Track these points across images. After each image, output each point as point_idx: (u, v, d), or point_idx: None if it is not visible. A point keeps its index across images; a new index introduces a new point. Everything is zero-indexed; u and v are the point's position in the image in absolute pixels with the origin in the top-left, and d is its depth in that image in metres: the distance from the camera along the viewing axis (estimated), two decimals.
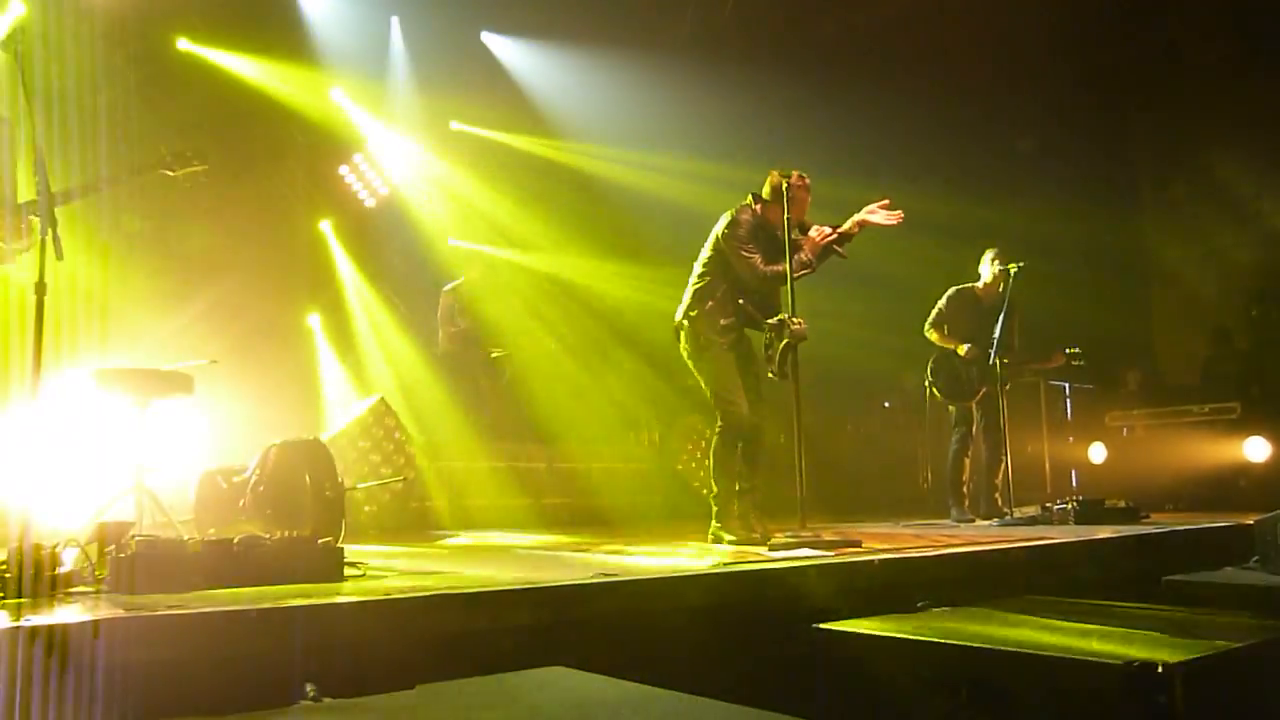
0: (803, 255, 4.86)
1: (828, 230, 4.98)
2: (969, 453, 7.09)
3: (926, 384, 7.25)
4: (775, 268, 4.86)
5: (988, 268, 7.17)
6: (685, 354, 5.16)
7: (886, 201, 4.99)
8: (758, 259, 4.93)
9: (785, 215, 4.77)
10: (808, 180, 5.00)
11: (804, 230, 5.00)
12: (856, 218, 5.02)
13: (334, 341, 10.01)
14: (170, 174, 4.36)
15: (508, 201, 10.97)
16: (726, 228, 5.06)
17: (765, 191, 5.06)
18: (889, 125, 10.46)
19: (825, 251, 4.99)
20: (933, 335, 7.16)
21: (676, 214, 9.97)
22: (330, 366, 9.85)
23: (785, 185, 4.87)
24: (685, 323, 5.12)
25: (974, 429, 7.08)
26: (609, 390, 10.17)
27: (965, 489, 7.05)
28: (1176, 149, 10.86)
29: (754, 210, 5.08)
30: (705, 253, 5.17)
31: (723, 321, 5.02)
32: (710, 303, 5.04)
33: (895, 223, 4.99)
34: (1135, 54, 10.41)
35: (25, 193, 4.03)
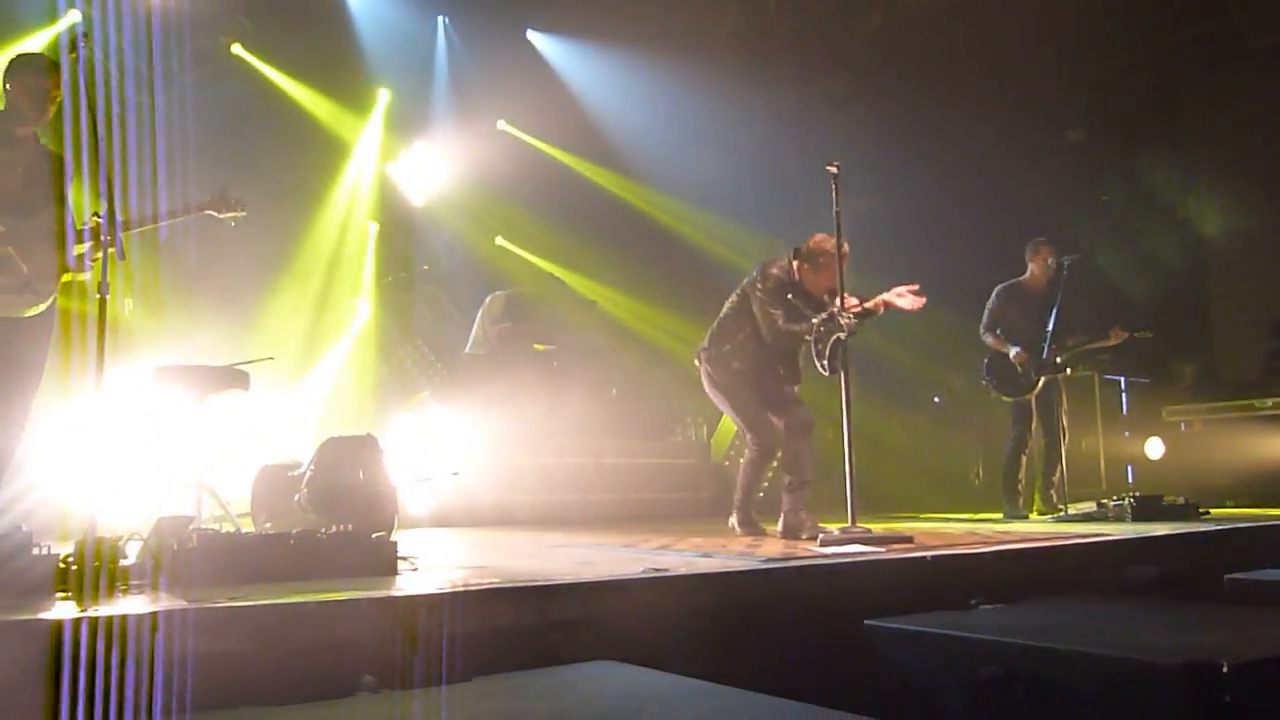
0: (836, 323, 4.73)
1: (854, 302, 4.93)
2: (1026, 449, 6.97)
3: (983, 380, 7.15)
4: (795, 326, 4.91)
5: (1036, 260, 7.05)
6: (704, 384, 5.37)
7: (915, 286, 4.92)
8: (779, 314, 4.98)
9: (838, 274, 4.74)
10: (848, 250, 4.88)
11: (832, 295, 4.91)
12: (882, 297, 4.98)
13: (385, 338, 10.14)
14: (216, 215, 4.74)
15: (552, 206, 11.03)
16: (757, 278, 5.16)
17: (805, 252, 5.12)
18: (938, 117, 10.33)
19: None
20: (988, 339, 7.07)
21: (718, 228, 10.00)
22: (382, 363, 9.98)
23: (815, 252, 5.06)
24: (703, 356, 5.32)
25: (1032, 425, 6.96)
26: (655, 386, 10.19)
27: (1020, 486, 6.95)
28: (1232, 135, 10.61)
29: (788, 267, 5.13)
30: (733, 296, 5.33)
31: (736, 365, 5.19)
32: (728, 346, 5.21)
33: (917, 309, 4.93)
34: (1190, 40, 10.17)
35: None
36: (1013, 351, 6.85)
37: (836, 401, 4.61)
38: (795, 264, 5.13)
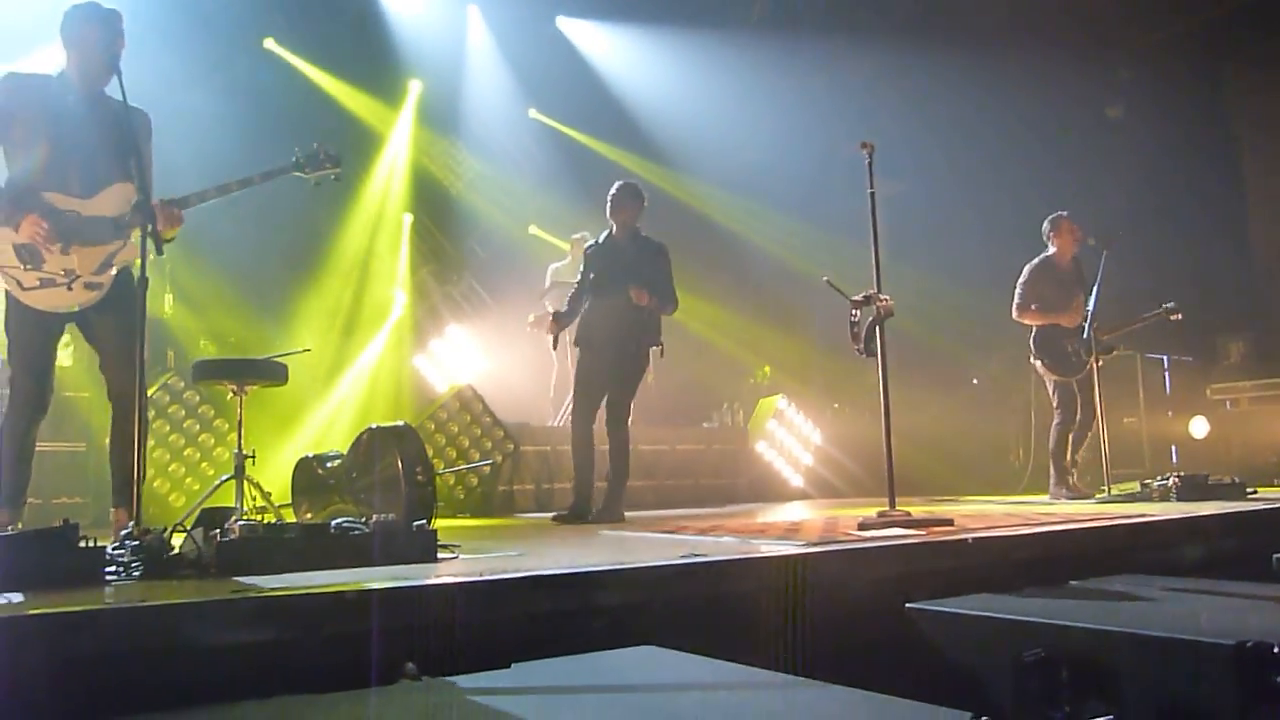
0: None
1: None
2: (1073, 429, 6.88)
3: (1032, 359, 7.05)
4: None
5: (1058, 236, 6.96)
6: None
7: None
8: None
9: None
10: None
11: None
12: None
13: (422, 329, 10.20)
14: (303, 176, 4.36)
15: (584, 193, 11.01)
16: None
17: None
18: (971, 98, 10.20)
19: None
20: (1027, 318, 6.97)
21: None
22: (420, 353, 10.05)
23: None
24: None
25: (1077, 404, 6.86)
26: (692, 373, 10.16)
27: (1069, 465, 6.87)
28: (1275, 108, 10.37)
29: None
30: None
31: None
32: None
33: None
34: (1230, 11, 9.95)
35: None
36: (1058, 316, 6.78)
37: (874, 384, 4.58)
38: None
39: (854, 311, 4.70)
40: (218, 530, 2.94)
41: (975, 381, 10.57)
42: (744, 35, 10.39)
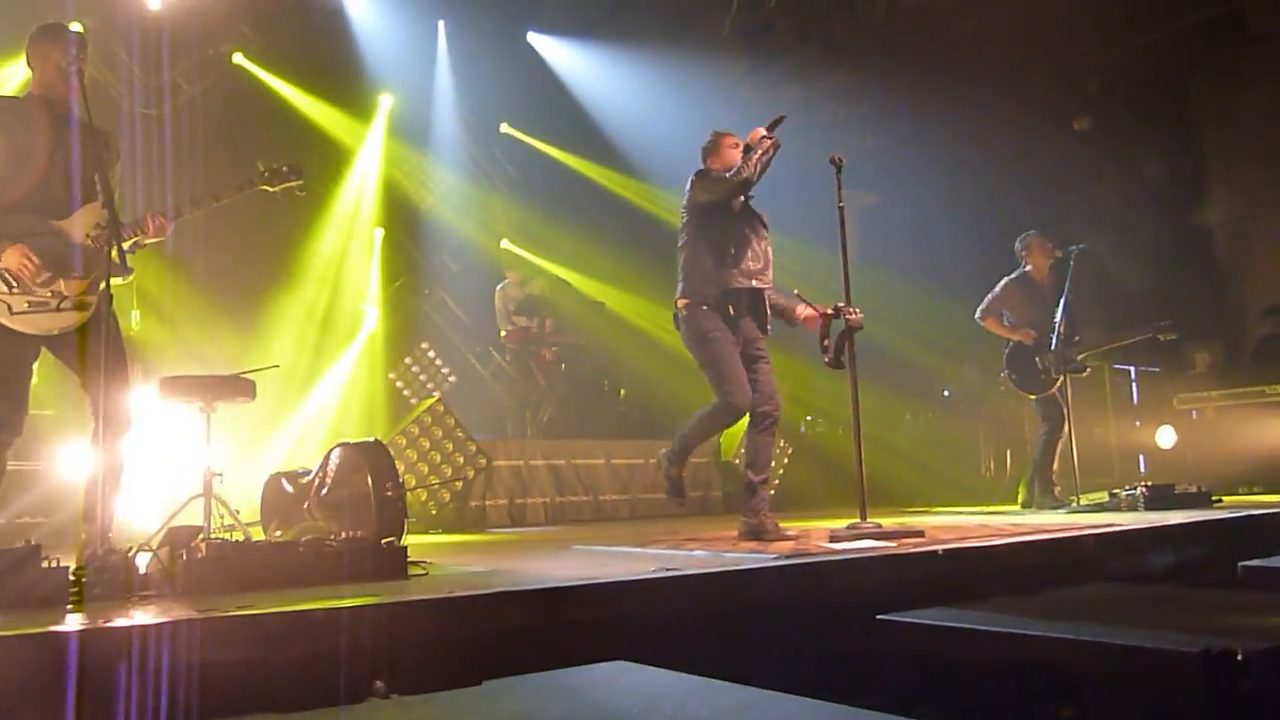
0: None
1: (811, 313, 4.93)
2: (1060, 440, 6.86)
3: (1003, 373, 7.10)
4: (724, 180, 4.78)
5: (1031, 254, 7.02)
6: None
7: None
8: (708, 187, 4.86)
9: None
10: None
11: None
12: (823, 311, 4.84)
13: (392, 344, 10.15)
14: (269, 190, 4.40)
15: (556, 208, 11.03)
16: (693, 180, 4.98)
17: (706, 148, 5.11)
18: (942, 109, 10.29)
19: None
20: (988, 324, 7.02)
21: None
22: (389, 369, 10.00)
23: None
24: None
25: (1061, 416, 6.84)
26: (664, 386, 10.18)
27: (1054, 477, 6.87)
28: (1240, 120, 10.54)
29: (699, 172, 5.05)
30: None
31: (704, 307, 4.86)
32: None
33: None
34: (1195, 25, 10.12)
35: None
36: (1021, 332, 6.83)
37: (845, 396, 4.60)
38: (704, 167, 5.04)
39: (825, 318, 4.72)
40: (184, 549, 2.91)
41: (946, 393, 10.63)
42: (716, 48, 10.44)
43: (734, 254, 4.81)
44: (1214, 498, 6.09)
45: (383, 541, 3.33)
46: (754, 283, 4.84)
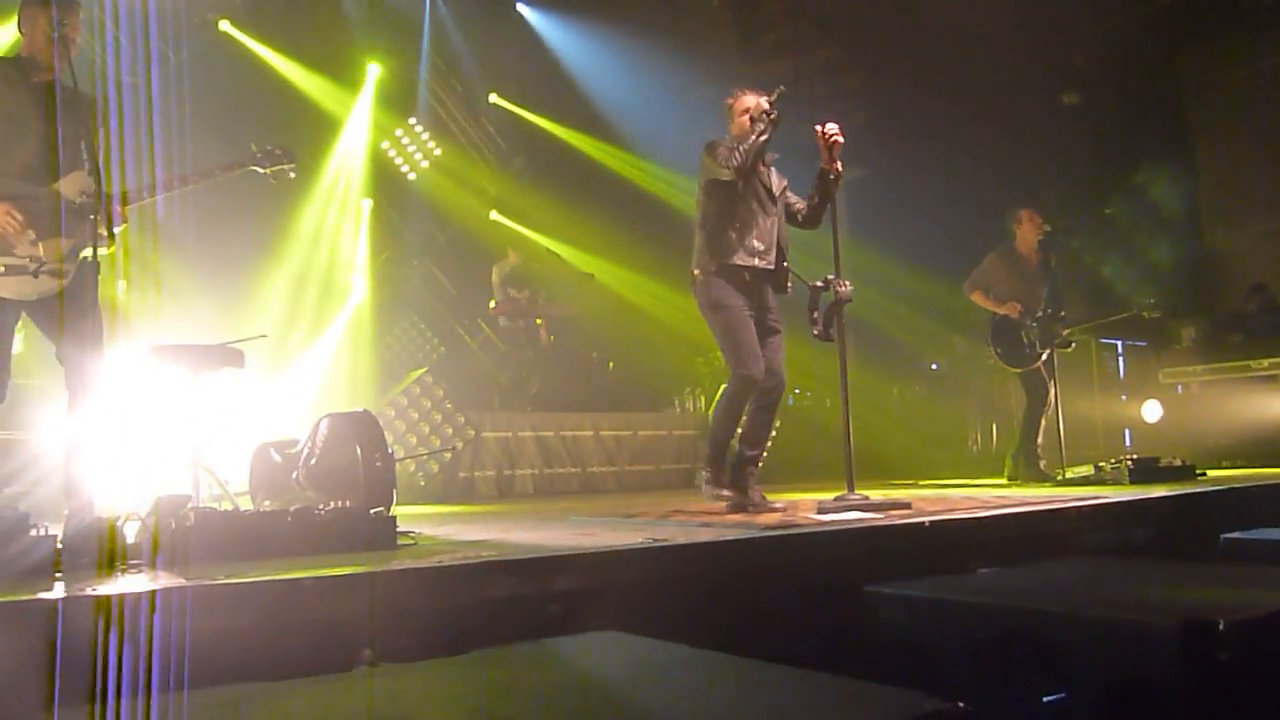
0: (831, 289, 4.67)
1: (802, 203, 4.95)
2: (1045, 412, 6.90)
3: (989, 347, 7.12)
4: (737, 157, 4.67)
5: (1020, 227, 7.02)
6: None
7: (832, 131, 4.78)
8: (723, 158, 4.74)
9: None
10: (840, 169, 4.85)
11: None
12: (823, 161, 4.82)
13: (382, 315, 10.12)
14: (260, 171, 4.44)
15: (545, 179, 10.96)
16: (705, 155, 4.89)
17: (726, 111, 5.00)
18: (931, 83, 10.26)
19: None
20: (974, 297, 7.03)
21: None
22: (379, 340, 9.97)
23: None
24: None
25: (1046, 390, 6.88)
26: (653, 358, 10.19)
27: (1040, 450, 6.91)
28: (1228, 97, 10.55)
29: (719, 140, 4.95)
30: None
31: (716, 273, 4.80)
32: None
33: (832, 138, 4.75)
34: (1182, 1, 10.09)
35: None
36: (1007, 306, 6.84)
37: (833, 369, 4.61)
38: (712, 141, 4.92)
39: (815, 290, 4.72)
40: (172, 518, 2.90)
41: (935, 366, 10.68)
42: (705, 20, 10.37)
43: (738, 231, 4.80)
44: (1198, 471, 6.14)
45: (371, 511, 3.34)
46: (756, 262, 4.80)
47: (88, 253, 3.84)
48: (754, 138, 4.68)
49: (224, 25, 9.13)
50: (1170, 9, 10.13)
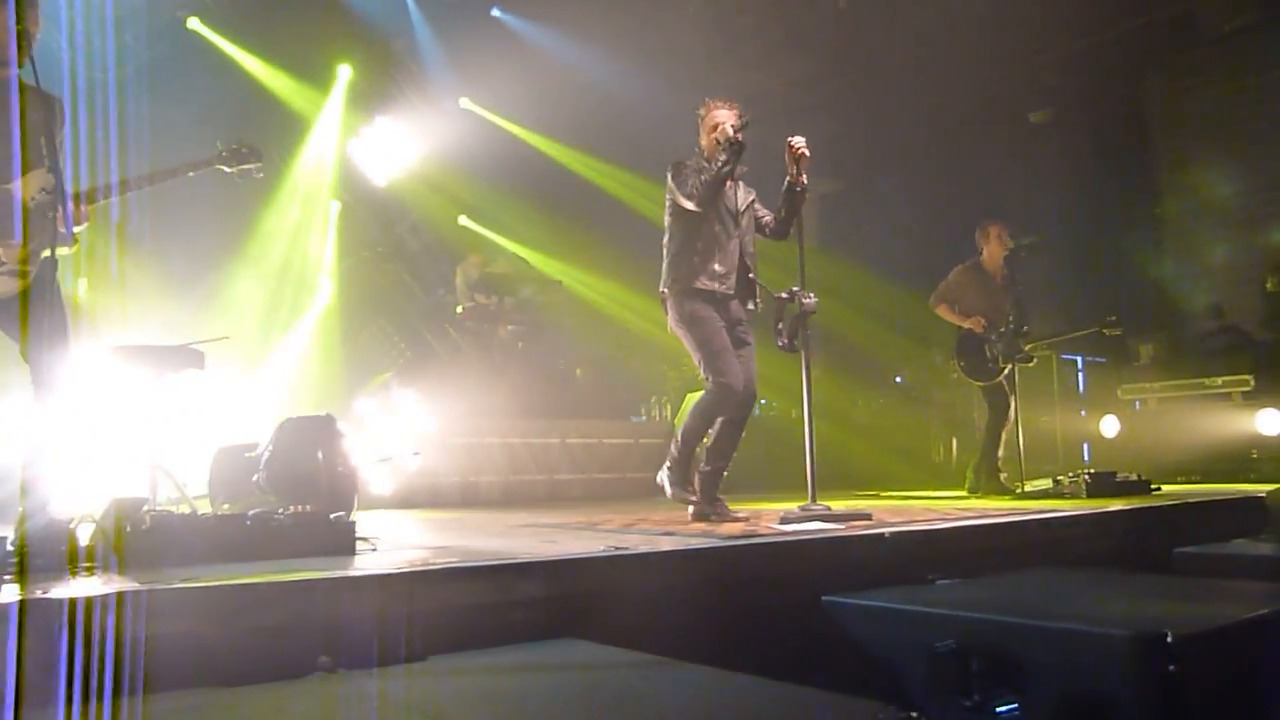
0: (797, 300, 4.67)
1: (769, 217, 4.98)
2: (1006, 426, 6.96)
3: (953, 360, 7.18)
4: (696, 191, 4.68)
5: (988, 242, 7.10)
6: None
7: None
8: (693, 182, 4.73)
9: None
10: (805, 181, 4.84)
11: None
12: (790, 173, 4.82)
13: (349, 318, 10.06)
14: (226, 170, 4.35)
15: (516, 185, 10.95)
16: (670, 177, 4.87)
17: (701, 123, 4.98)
18: (903, 99, 10.37)
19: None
20: (940, 310, 7.10)
21: None
22: (345, 343, 9.91)
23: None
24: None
25: (1007, 405, 6.95)
26: (620, 367, 10.19)
27: (1000, 463, 6.97)
28: (1191, 120, 10.74)
29: (692, 155, 4.96)
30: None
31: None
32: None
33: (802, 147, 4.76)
34: (1150, 24, 10.27)
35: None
36: (971, 320, 6.90)
37: (798, 379, 4.63)
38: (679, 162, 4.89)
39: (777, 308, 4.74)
40: (129, 520, 2.87)
41: (899, 379, 10.77)
42: (680, 28, 10.41)
43: (701, 254, 4.79)
44: (1153, 486, 6.24)
45: (332, 516, 3.31)
46: (717, 286, 4.80)
47: (48, 252, 3.79)
48: (716, 168, 4.69)
49: (193, 23, 9.06)
50: (1135, 32, 10.30)
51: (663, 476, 4.98)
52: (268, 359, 8.99)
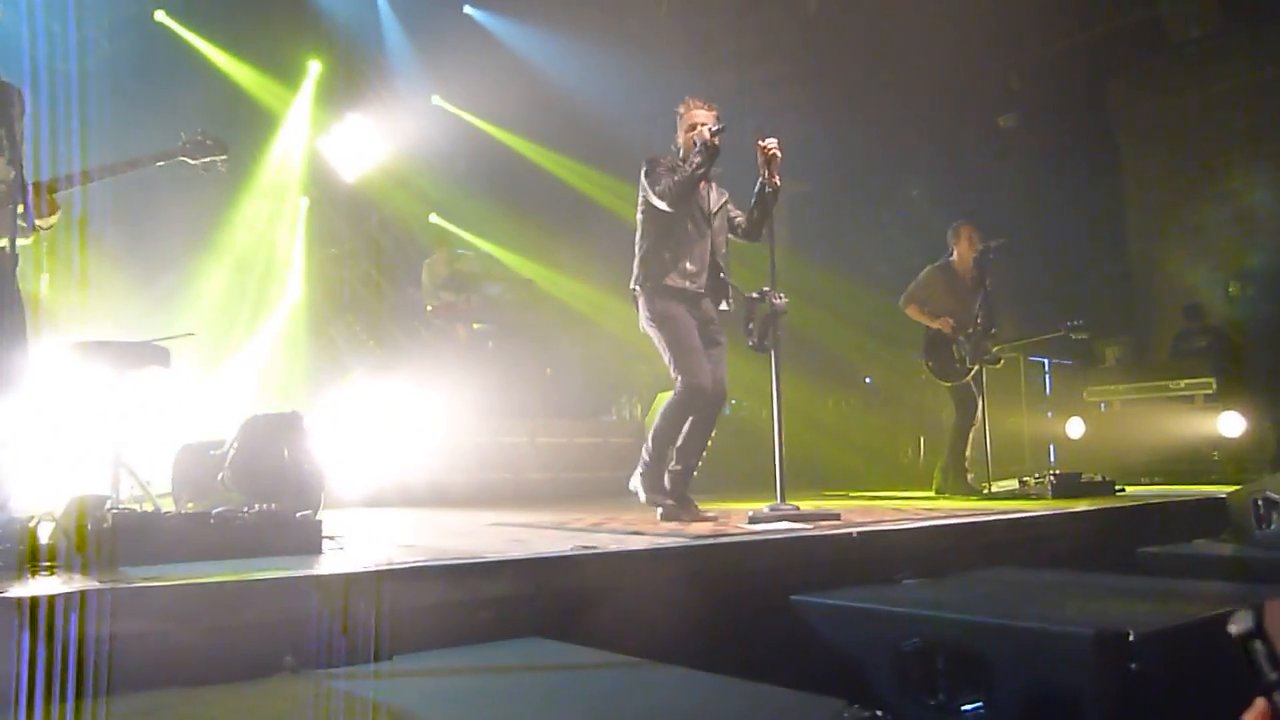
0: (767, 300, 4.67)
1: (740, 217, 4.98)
2: (973, 427, 7.00)
3: (921, 360, 7.23)
4: (671, 183, 4.67)
5: (959, 242, 7.15)
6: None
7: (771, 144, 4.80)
8: (666, 181, 4.71)
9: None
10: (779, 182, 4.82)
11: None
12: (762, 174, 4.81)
13: (316, 316, 9.97)
14: (190, 162, 4.27)
15: (487, 183, 10.91)
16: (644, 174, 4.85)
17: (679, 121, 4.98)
18: (873, 101, 10.43)
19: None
20: (910, 310, 7.14)
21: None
22: (314, 340, 9.82)
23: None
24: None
25: (974, 406, 6.99)
26: (590, 365, 10.18)
27: (966, 464, 7.02)
28: (1156, 126, 10.89)
29: (669, 151, 4.97)
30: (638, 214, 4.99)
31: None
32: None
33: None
34: (1117, 30, 10.41)
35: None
36: (940, 321, 6.95)
37: (767, 379, 4.65)
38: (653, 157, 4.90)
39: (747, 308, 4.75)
40: (91, 519, 2.82)
41: (869, 380, 10.83)
42: (652, 29, 10.41)
43: (672, 252, 4.78)
44: (1118, 487, 6.32)
45: (297, 514, 3.28)
46: (688, 285, 4.79)
47: (4, 243, 3.72)
48: (690, 169, 4.69)
49: (160, 15, 8.95)
50: (1102, 39, 10.44)
51: (635, 482, 4.96)
52: (233, 356, 8.90)
